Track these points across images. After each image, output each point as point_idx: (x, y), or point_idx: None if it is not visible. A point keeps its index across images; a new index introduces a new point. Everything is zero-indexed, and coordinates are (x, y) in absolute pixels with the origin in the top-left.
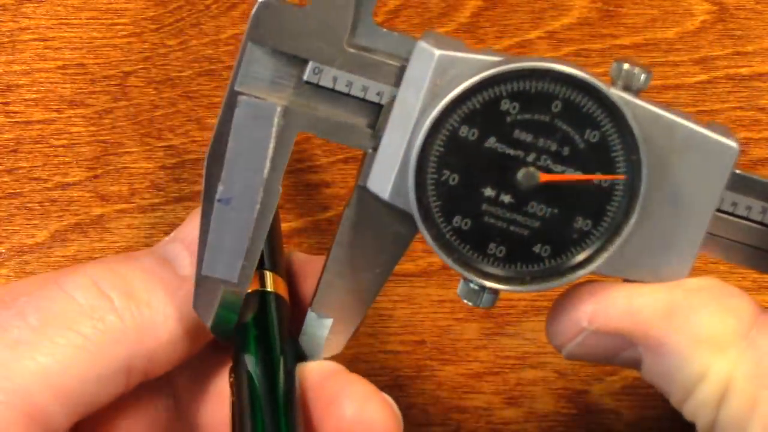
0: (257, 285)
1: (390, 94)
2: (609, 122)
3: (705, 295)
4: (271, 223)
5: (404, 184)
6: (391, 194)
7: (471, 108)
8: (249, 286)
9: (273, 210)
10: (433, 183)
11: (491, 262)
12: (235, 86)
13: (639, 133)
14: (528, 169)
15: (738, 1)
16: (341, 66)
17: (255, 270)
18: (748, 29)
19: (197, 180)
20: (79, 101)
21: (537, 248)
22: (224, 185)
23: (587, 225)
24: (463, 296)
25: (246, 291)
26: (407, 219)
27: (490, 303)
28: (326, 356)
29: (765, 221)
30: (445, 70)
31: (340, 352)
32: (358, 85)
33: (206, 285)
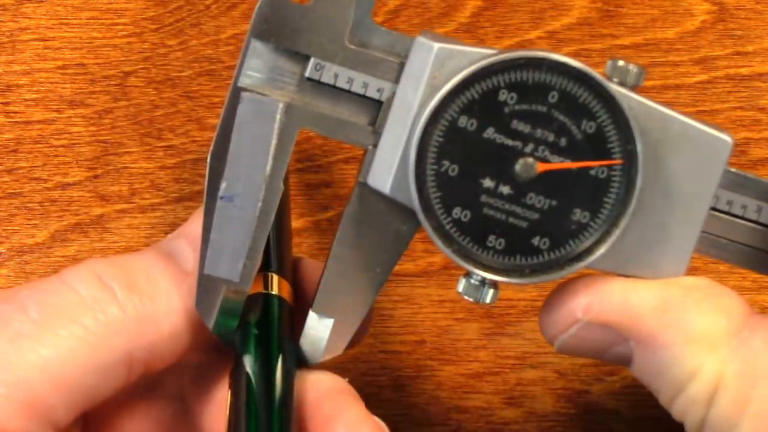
0: (261, 287)
1: (390, 91)
2: (605, 112)
3: (699, 294)
4: (280, 224)
5: (404, 178)
6: (392, 188)
7: (469, 98)
8: (251, 286)
9: (275, 208)
10: (433, 174)
11: (491, 255)
12: (238, 83)
13: (634, 123)
14: (526, 160)
15: (738, 1)
16: (342, 62)
17: (260, 271)
18: (748, 29)
19: (197, 180)
20: (79, 101)
21: (536, 240)
22: (227, 182)
23: (585, 217)
24: (464, 292)
25: (248, 290)
26: (408, 216)
27: (491, 299)
28: (327, 358)
29: (760, 220)
30: (444, 63)
31: (341, 353)
32: (359, 82)
33: (208, 284)
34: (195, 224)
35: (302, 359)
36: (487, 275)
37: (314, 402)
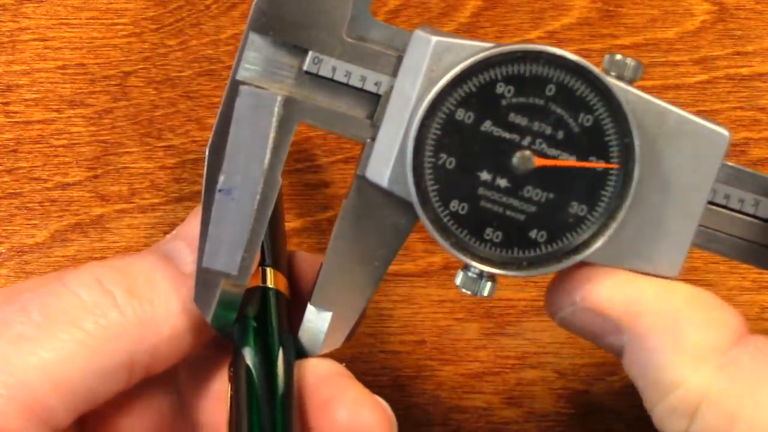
0: (258, 281)
1: (388, 84)
2: (602, 106)
3: (696, 306)
4: (275, 220)
5: (402, 171)
6: (390, 181)
7: (467, 91)
8: (249, 280)
9: (273, 201)
10: (431, 166)
11: (488, 247)
12: (237, 76)
13: (631, 116)
14: (523, 153)
15: (738, 1)
16: (340, 56)
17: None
18: (748, 29)
19: (197, 180)
20: (79, 101)
21: (533, 233)
22: (225, 175)
23: (582, 210)
24: (462, 285)
25: (246, 284)
26: (405, 209)
27: (489, 292)
28: (325, 351)
29: (757, 214)
30: (442, 57)
31: (340, 349)
32: (357, 75)
33: (207, 278)
34: (192, 225)
35: (301, 352)
36: (485, 268)
37: (313, 386)
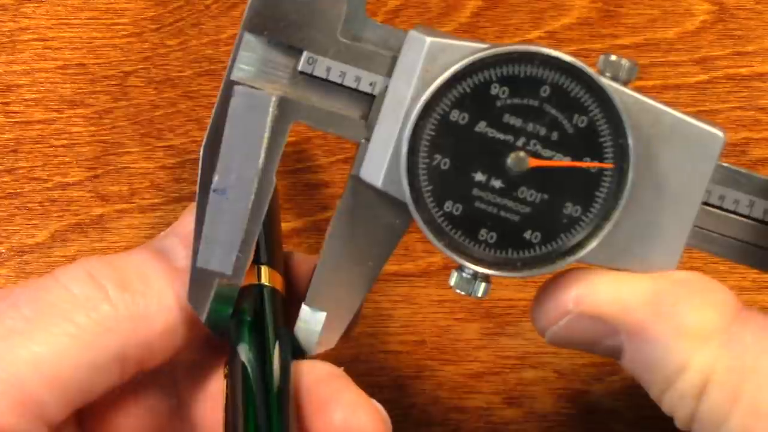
0: (253, 279)
1: (382, 85)
2: (596, 107)
3: (690, 288)
4: (270, 219)
5: (396, 172)
6: (384, 181)
7: (461, 92)
8: (244, 279)
9: (267, 201)
10: (425, 167)
11: (483, 248)
12: (231, 76)
13: (626, 117)
14: (518, 154)
15: (738, 1)
16: (335, 56)
17: (252, 264)
18: (748, 29)
19: (197, 180)
20: (79, 101)
21: (528, 234)
22: (219, 175)
23: (577, 211)
24: (456, 286)
25: (240, 283)
26: (400, 210)
27: (483, 292)
28: (320, 351)
29: (752, 215)
30: (436, 57)
31: (340, 350)
32: (351, 75)
33: (201, 278)
34: (186, 222)
35: (297, 349)
36: (479, 269)
37: (309, 387)
